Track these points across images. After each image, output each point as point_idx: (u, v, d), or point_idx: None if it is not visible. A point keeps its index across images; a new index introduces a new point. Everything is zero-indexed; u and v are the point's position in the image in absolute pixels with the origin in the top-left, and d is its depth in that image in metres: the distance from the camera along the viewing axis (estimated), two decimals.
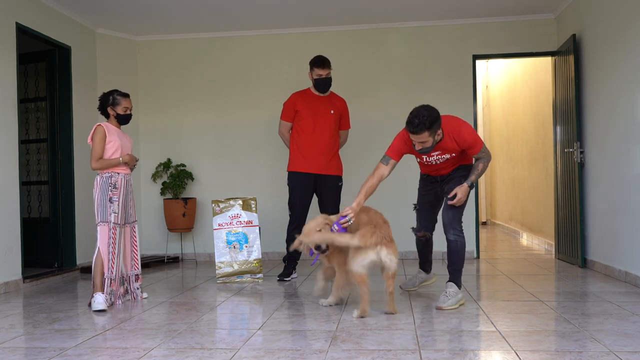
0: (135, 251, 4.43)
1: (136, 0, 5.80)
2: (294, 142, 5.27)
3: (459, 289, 3.95)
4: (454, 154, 3.94)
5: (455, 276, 3.98)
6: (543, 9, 6.27)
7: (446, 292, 3.88)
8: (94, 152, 4.18)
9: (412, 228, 4.35)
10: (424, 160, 4.02)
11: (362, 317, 3.59)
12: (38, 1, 5.60)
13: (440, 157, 3.96)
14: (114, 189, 4.22)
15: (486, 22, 6.54)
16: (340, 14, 6.32)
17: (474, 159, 4.02)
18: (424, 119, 3.61)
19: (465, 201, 3.92)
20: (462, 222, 4.00)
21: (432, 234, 4.38)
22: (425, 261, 4.49)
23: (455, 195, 3.83)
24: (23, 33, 5.43)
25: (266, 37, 6.87)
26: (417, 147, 3.78)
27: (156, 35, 6.99)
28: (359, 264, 3.57)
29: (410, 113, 3.69)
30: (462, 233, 3.98)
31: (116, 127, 4.33)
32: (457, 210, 3.95)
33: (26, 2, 5.43)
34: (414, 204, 4.37)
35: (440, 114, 3.75)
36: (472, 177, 3.89)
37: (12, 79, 5.20)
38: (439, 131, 3.75)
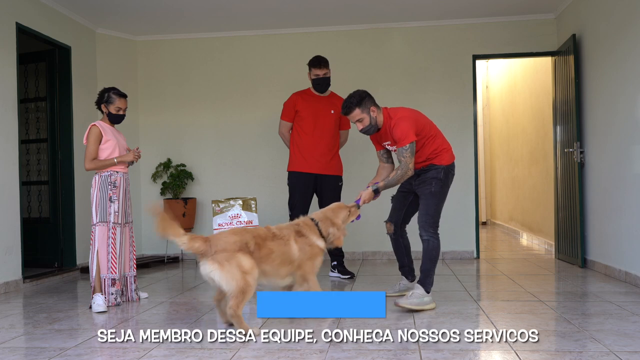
0: (134, 252, 4.42)
1: (136, 0, 5.80)
2: (294, 142, 5.26)
3: (427, 292, 3.77)
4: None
5: (422, 278, 3.82)
6: (543, 8, 6.26)
7: (411, 293, 3.75)
8: (87, 153, 4.16)
9: (384, 221, 4.25)
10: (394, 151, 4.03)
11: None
12: (38, 1, 5.60)
13: (392, 147, 4.00)
14: (113, 188, 4.21)
15: (486, 22, 6.53)
16: (340, 14, 6.32)
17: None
18: (351, 98, 3.87)
19: (437, 204, 3.87)
20: (437, 226, 3.88)
21: (402, 235, 4.21)
22: (402, 265, 4.28)
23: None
24: (23, 33, 5.42)
25: (266, 37, 6.87)
26: (358, 128, 3.93)
27: (156, 35, 6.99)
28: None
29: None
30: (437, 235, 3.86)
31: (110, 126, 4.31)
32: (430, 214, 3.85)
33: (26, 2, 5.43)
34: (392, 196, 4.27)
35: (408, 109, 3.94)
36: (381, 184, 3.93)
37: (12, 79, 5.19)
38: (374, 108, 3.88)
